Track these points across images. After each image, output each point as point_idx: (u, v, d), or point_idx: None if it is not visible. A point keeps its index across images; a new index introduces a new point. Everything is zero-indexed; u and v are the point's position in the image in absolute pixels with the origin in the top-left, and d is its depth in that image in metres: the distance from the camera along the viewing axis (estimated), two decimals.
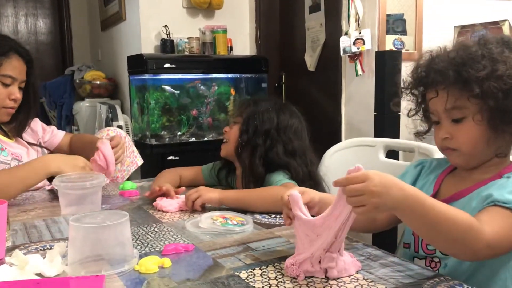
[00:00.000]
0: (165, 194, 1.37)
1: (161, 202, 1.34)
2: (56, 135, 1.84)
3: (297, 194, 0.90)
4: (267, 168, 1.39)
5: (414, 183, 1.09)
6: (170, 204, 1.33)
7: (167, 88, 3.15)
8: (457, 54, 0.93)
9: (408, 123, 1.13)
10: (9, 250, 1.00)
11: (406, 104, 1.10)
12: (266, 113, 1.43)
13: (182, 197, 1.36)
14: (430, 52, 0.99)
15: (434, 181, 1.05)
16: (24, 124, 1.67)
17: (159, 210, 1.32)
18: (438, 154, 1.36)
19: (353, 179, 0.78)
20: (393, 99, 1.19)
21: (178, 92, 3.20)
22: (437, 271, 0.97)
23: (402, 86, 1.05)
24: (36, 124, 1.79)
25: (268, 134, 1.40)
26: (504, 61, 0.89)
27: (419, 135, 1.11)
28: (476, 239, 0.80)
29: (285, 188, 1.30)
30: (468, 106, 0.92)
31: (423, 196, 0.80)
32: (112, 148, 1.52)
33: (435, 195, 1.01)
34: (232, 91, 3.41)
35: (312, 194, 0.98)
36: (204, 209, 1.31)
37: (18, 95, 1.57)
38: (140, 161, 1.94)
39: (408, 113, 1.07)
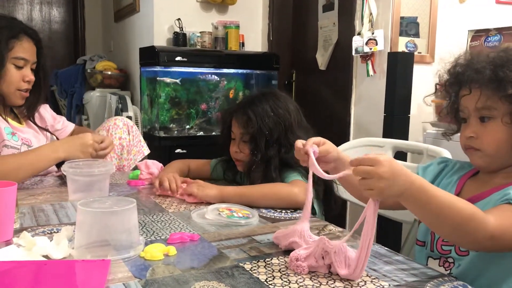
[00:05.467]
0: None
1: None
2: (67, 127, 1.86)
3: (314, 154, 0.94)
4: (281, 170, 1.38)
5: (435, 178, 1.10)
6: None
7: (167, 79, 3.14)
8: (497, 55, 0.95)
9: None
10: (17, 231, 1.01)
11: (417, 107, 1.11)
12: (270, 120, 1.38)
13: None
14: (469, 52, 0.99)
15: (457, 183, 1.05)
16: (34, 106, 1.68)
17: (159, 196, 1.36)
18: (447, 156, 1.35)
19: (365, 161, 0.80)
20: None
21: (180, 79, 3.19)
22: (449, 271, 0.97)
23: (437, 82, 1.06)
24: (45, 110, 1.80)
25: (279, 141, 1.38)
26: None
27: (446, 134, 1.11)
28: (478, 228, 0.81)
29: (288, 185, 1.30)
30: (499, 107, 0.92)
31: (427, 185, 0.82)
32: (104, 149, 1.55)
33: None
34: (231, 94, 3.39)
35: (330, 148, 1.01)
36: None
37: (31, 76, 1.58)
38: (146, 151, 1.95)
39: (440, 112, 1.08)
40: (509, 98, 0.90)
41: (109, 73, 4.06)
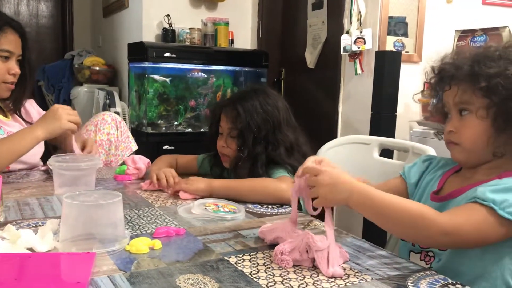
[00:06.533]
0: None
1: None
2: None
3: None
4: (267, 167, 1.39)
5: (421, 176, 1.12)
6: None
7: (157, 77, 3.14)
8: (476, 52, 0.97)
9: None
10: (1, 225, 1.01)
11: (404, 105, 1.13)
12: (258, 116, 1.38)
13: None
14: (455, 51, 1.02)
15: (439, 178, 1.07)
16: (20, 99, 1.67)
17: (146, 190, 1.37)
18: (432, 154, 1.37)
19: (310, 170, 0.91)
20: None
21: (170, 78, 3.19)
22: (430, 265, 0.99)
23: (425, 80, 1.08)
24: (31, 106, 1.78)
25: (267, 139, 1.38)
26: None
27: (438, 134, 1.12)
28: (429, 225, 0.85)
29: (276, 181, 1.30)
30: (473, 101, 0.94)
31: (371, 190, 0.89)
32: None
33: (438, 192, 1.04)
34: (218, 97, 3.38)
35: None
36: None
37: (17, 69, 1.57)
38: (134, 147, 1.95)
39: (430, 111, 1.10)
40: (482, 91, 0.92)
41: (97, 68, 4.04)
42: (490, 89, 0.91)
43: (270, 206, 1.25)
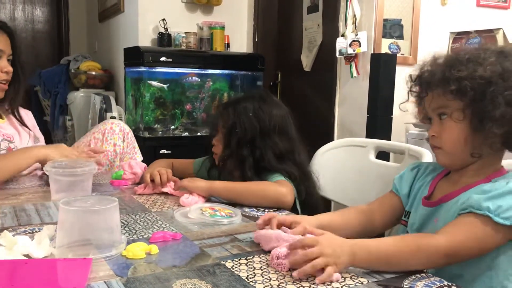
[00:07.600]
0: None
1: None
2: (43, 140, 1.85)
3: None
4: (261, 172, 1.39)
5: (411, 185, 1.12)
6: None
7: (154, 83, 3.15)
8: (449, 58, 0.99)
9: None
10: None
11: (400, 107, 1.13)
12: (247, 119, 1.38)
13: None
14: (433, 56, 1.03)
15: (429, 184, 1.08)
16: (15, 98, 1.68)
17: (142, 195, 1.38)
18: (427, 156, 1.38)
19: (307, 241, 0.84)
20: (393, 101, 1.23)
21: (168, 84, 3.19)
22: (426, 269, 0.99)
23: (407, 88, 1.10)
24: (28, 118, 1.78)
25: (254, 143, 1.38)
26: (484, 64, 0.93)
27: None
28: (429, 253, 0.86)
29: (276, 184, 1.31)
30: (447, 104, 0.97)
31: (368, 243, 0.87)
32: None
33: (429, 197, 1.05)
34: (214, 106, 3.38)
35: (306, 225, 0.98)
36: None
37: (9, 67, 1.58)
38: (139, 158, 1.92)
39: (419, 117, 1.11)
40: (453, 94, 0.94)
41: (93, 73, 4.04)
42: (460, 92, 0.93)
43: (266, 210, 1.26)
